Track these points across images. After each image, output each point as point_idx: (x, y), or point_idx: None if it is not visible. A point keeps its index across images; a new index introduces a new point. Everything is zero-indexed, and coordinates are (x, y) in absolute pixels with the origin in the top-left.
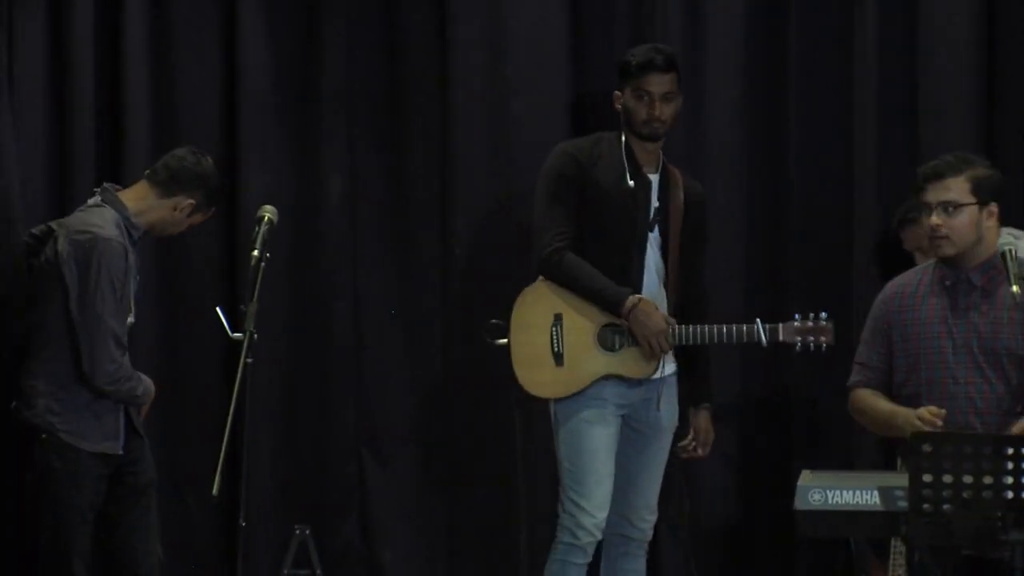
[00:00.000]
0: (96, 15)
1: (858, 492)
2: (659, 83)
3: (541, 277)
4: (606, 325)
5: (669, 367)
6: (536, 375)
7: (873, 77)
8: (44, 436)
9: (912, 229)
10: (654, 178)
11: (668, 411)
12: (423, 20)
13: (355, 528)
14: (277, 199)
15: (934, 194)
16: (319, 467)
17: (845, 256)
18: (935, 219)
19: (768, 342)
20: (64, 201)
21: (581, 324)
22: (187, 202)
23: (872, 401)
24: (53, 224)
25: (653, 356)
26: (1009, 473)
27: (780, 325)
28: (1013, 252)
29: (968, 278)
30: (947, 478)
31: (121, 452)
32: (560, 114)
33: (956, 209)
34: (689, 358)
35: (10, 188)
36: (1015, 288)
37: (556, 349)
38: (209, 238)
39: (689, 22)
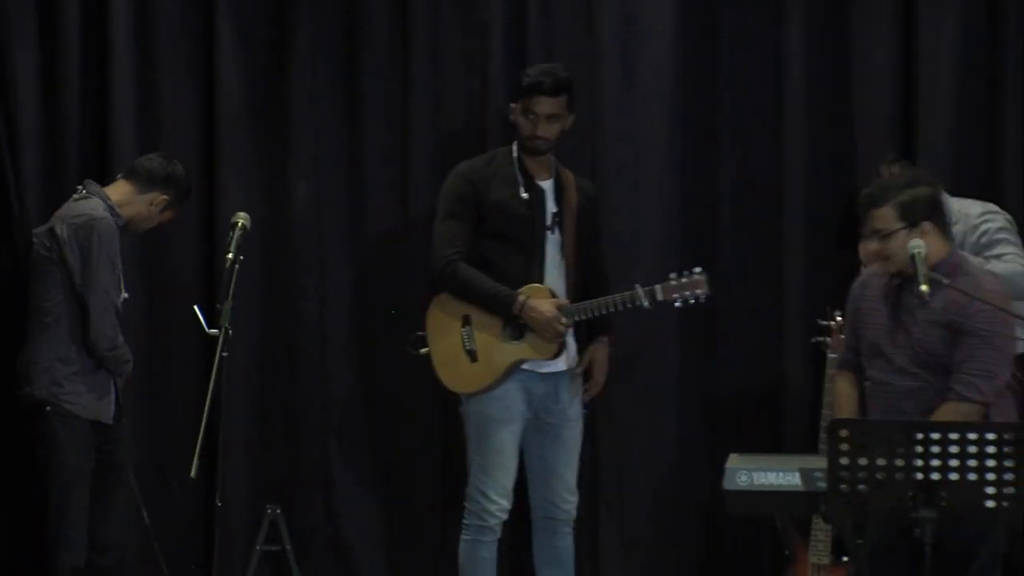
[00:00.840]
0: (83, 39)
1: (781, 473)
2: (546, 105)
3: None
4: (508, 319)
5: (573, 360)
6: (454, 373)
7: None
8: (48, 408)
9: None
10: (547, 184)
11: (573, 401)
12: (386, 33)
13: (321, 508)
14: (250, 206)
15: (870, 222)
16: (288, 453)
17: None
18: (873, 245)
19: (649, 304)
20: (57, 206)
21: (487, 321)
22: (161, 198)
23: (842, 400)
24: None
25: (553, 340)
26: (919, 456)
27: (657, 286)
28: (922, 254)
29: (901, 281)
30: (862, 461)
31: (111, 422)
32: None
33: (888, 235)
34: (584, 286)
35: (8, 192)
36: (924, 287)
37: (468, 347)
38: (188, 241)
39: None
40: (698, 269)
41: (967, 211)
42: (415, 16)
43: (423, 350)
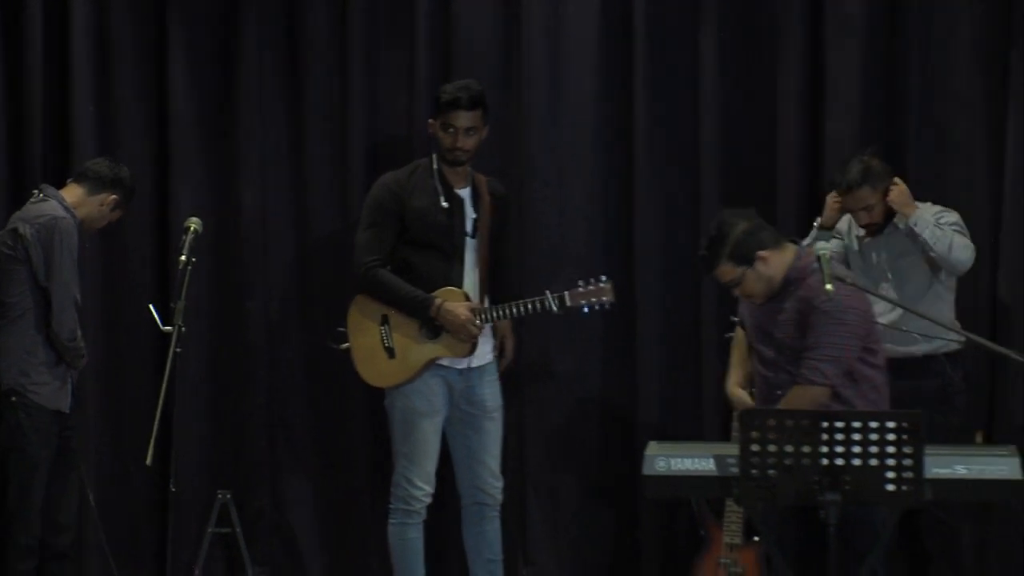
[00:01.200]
0: (45, 58)
1: (696, 460)
2: (463, 119)
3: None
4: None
5: (487, 356)
6: (373, 369)
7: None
8: (14, 399)
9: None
10: (465, 193)
11: (491, 394)
12: (326, 52)
13: (267, 494)
14: (200, 211)
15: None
16: (237, 443)
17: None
18: (735, 293)
19: (559, 309)
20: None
21: (405, 321)
22: (111, 198)
23: (739, 354)
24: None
25: (467, 341)
26: (824, 443)
27: (566, 292)
28: (827, 256)
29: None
30: (772, 448)
31: (68, 412)
32: None
33: (738, 283)
34: (495, 281)
35: None
36: (828, 286)
37: (387, 344)
38: (143, 244)
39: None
40: (604, 278)
41: (923, 215)
42: (352, 36)
43: (343, 345)
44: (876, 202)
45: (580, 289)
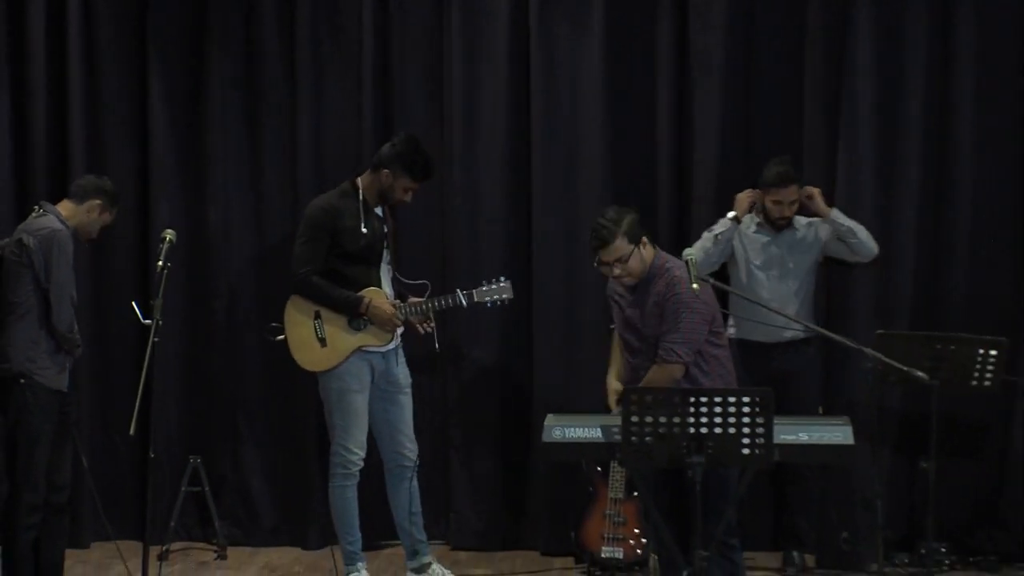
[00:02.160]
0: (48, 96)
1: (586, 429)
2: (415, 187)
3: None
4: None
5: (398, 340)
6: (307, 356)
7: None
8: (23, 380)
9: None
10: (379, 211)
11: (403, 373)
12: (280, 91)
13: (230, 460)
14: (175, 225)
15: (606, 255)
16: (206, 416)
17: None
18: (616, 271)
19: (467, 304)
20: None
21: (334, 316)
22: (95, 203)
23: (617, 353)
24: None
25: (391, 331)
26: (691, 416)
27: (473, 291)
28: (693, 260)
29: (636, 286)
30: (648, 419)
31: (66, 390)
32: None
33: (626, 260)
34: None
35: None
36: (695, 286)
37: (319, 335)
38: (128, 252)
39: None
40: (504, 278)
41: (800, 223)
42: (303, 80)
43: (279, 337)
44: (796, 199)
45: (484, 288)
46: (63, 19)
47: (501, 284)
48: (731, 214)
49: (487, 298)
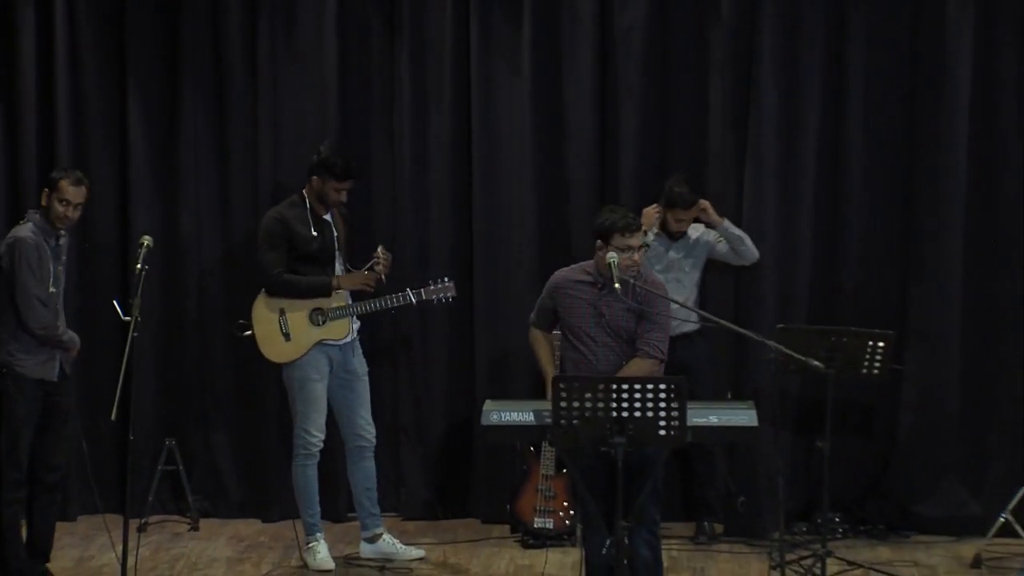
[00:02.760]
0: (38, 111)
1: (520, 413)
2: (346, 185)
3: (265, 291)
4: (313, 311)
5: (355, 334)
6: (273, 349)
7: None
8: (4, 370)
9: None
10: (328, 217)
11: (359, 363)
12: (246, 109)
13: (201, 441)
14: (152, 231)
15: (636, 240)
16: (180, 402)
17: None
18: (635, 256)
19: (416, 301)
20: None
21: (297, 313)
22: (46, 190)
23: (539, 346)
24: None
25: (372, 286)
26: (614, 401)
27: (421, 289)
28: (615, 263)
29: (604, 284)
30: (575, 404)
31: (55, 380)
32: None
33: (639, 249)
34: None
35: None
36: (617, 285)
37: (284, 331)
38: (109, 256)
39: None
40: (447, 278)
41: (699, 232)
42: (263, 104)
43: (246, 332)
44: (693, 215)
45: (431, 286)
46: (51, 47)
47: (446, 284)
48: (654, 230)
49: (433, 296)
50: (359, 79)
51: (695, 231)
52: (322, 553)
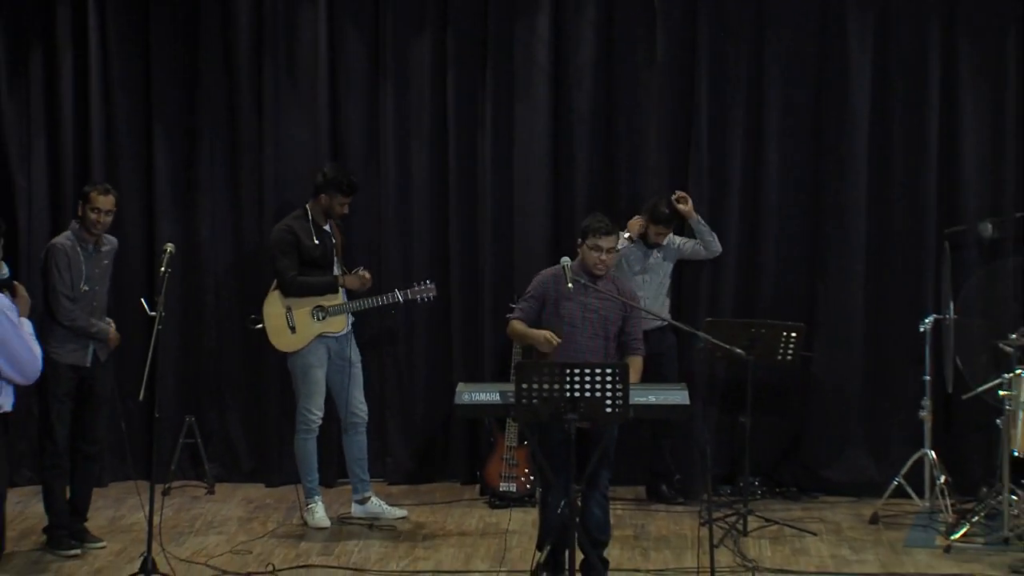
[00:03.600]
0: (75, 137)
1: (488, 394)
2: (347, 204)
3: (278, 291)
4: (315, 308)
5: (348, 328)
6: (280, 340)
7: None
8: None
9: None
10: (327, 227)
11: (354, 352)
12: (254, 133)
13: (217, 418)
14: (174, 239)
15: (609, 243)
16: (198, 385)
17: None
18: (604, 257)
19: (403, 301)
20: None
21: (302, 310)
22: (80, 201)
23: (521, 327)
24: None
25: (368, 286)
26: (567, 383)
27: (407, 289)
28: (569, 264)
29: (586, 287)
30: (535, 386)
31: (88, 365)
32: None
33: (613, 251)
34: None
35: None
36: (570, 285)
37: (290, 325)
38: (138, 261)
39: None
40: (429, 280)
41: (669, 238)
42: (268, 127)
43: (258, 326)
44: (671, 230)
45: (416, 287)
46: (86, 81)
47: (428, 285)
48: (626, 235)
49: (417, 295)
50: (348, 112)
51: (668, 240)
52: (319, 513)
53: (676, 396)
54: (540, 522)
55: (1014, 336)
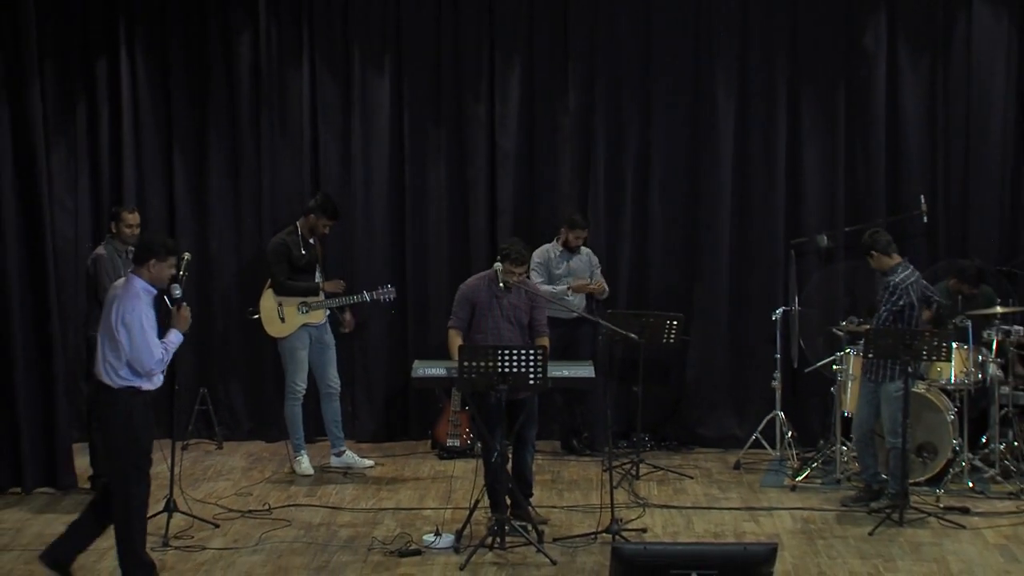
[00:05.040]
0: (110, 160)
1: (438, 368)
2: (329, 226)
3: (272, 290)
4: (300, 303)
5: (325, 319)
6: (273, 328)
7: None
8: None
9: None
10: (312, 241)
11: (330, 337)
12: (252, 161)
13: (223, 389)
14: (191, 249)
15: (522, 269)
16: (210, 363)
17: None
18: (515, 278)
19: (370, 300)
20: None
21: (290, 306)
22: (112, 221)
23: (455, 340)
24: None
25: (339, 290)
26: (498, 361)
27: (373, 292)
28: (499, 268)
29: (512, 288)
30: (474, 363)
31: None
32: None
33: (527, 271)
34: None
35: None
36: (502, 284)
37: (280, 316)
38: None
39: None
40: (390, 284)
41: (588, 252)
42: (265, 156)
43: (255, 316)
44: (586, 234)
45: (379, 290)
46: (119, 118)
47: (389, 288)
48: (559, 241)
49: (380, 296)
50: (327, 147)
51: (585, 251)
52: (305, 463)
53: (585, 370)
54: (485, 468)
55: (844, 324)
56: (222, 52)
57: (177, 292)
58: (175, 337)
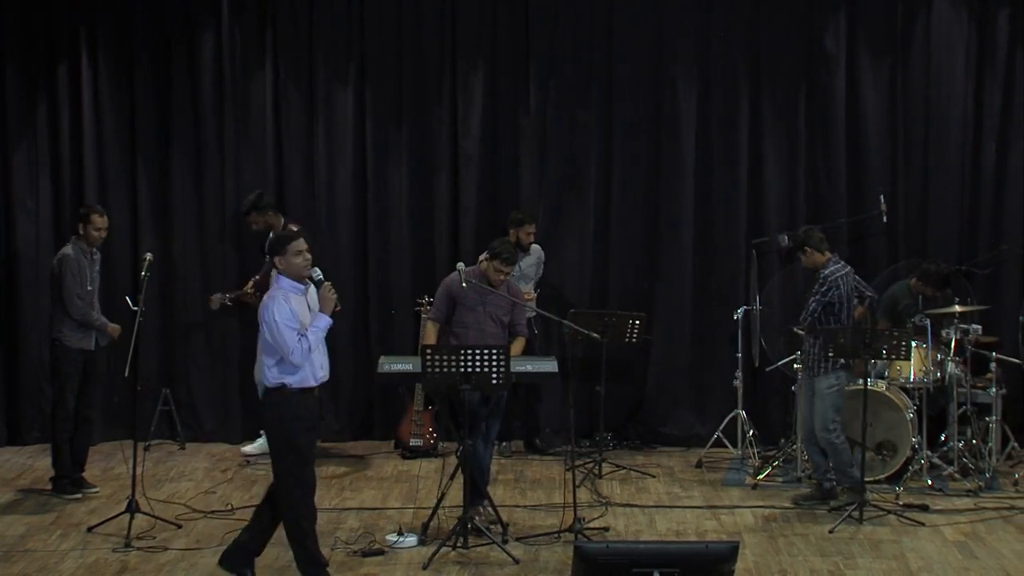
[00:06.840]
0: (71, 164)
1: (404, 364)
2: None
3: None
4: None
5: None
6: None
7: None
8: (56, 343)
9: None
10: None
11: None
12: (218, 166)
13: (185, 390)
14: (153, 250)
15: (511, 269)
16: (171, 364)
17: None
18: (503, 277)
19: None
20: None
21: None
22: (80, 222)
23: (431, 332)
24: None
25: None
26: (463, 360)
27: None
28: (463, 269)
29: (488, 287)
30: (439, 361)
31: (92, 349)
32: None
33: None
34: None
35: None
36: (464, 284)
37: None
38: (123, 267)
39: None
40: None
41: (539, 251)
42: (228, 159)
43: (215, 307)
44: (534, 229)
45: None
46: (80, 124)
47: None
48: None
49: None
50: (290, 152)
51: (536, 249)
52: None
53: (547, 365)
54: (459, 465)
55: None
56: (185, 55)
57: (317, 274)
58: (322, 322)
